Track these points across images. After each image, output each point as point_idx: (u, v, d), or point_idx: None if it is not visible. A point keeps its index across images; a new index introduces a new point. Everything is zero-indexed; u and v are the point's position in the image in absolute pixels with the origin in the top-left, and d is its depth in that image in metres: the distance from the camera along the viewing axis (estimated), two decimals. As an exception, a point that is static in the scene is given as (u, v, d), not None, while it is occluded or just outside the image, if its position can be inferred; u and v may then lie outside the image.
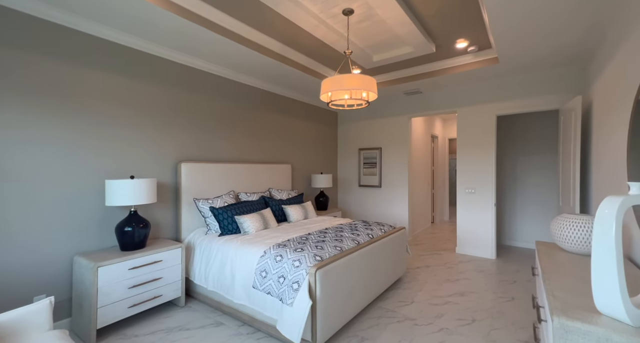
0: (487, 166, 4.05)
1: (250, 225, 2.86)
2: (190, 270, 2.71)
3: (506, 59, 3.12)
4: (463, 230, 4.25)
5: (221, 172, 3.27)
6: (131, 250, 2.29)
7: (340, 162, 5.53)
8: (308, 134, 4.81)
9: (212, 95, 3.29)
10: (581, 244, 1.59)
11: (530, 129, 4.55)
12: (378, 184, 5.04)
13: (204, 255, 2.64)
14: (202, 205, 2.91)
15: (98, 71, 2.37)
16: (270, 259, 2.18)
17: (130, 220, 2.29)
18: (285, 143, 4.35)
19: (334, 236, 2.65)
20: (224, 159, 3.45)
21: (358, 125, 5.29)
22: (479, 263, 3.77)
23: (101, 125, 2.40)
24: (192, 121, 3.11)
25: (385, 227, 3.14)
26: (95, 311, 1.96)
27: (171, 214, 2.90)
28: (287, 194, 3.92)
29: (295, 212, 3.53)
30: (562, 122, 3.40)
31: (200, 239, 2.77)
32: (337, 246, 2.36)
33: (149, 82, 2.73)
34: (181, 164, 2.88)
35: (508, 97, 3.86)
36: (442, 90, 4.36)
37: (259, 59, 3.08)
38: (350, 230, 2.87)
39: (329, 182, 4.60)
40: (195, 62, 3.05)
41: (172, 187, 2.92)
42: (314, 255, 2.12)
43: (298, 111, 4.59)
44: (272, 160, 4.13)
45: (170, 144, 2.91)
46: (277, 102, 4.19)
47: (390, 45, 3.20)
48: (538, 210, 4.50)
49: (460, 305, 2.61)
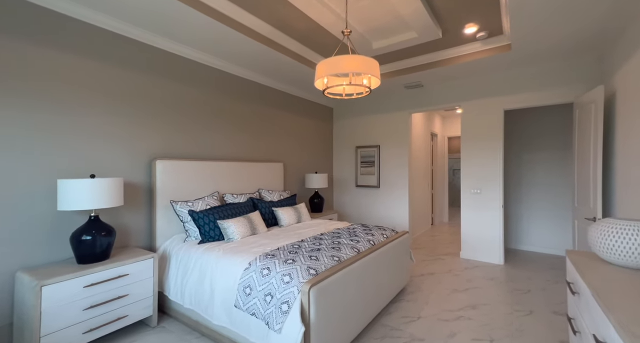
0: (494, 164, 3.77)
1: (235, 231, 2.51)
2: (164, 284, 2.35)
3: (520, 45, 2.83)
4: (468, 234, 3.96)
5: (204, 171, 2.91)
6: (90, 262, 1.92)
7: (336, 161, 5.21)
8: (302, 130, 4.47)
9: (194, 86, 2.94)
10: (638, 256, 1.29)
11: (536, 124, 4.29)
12: (376, 184, 4.73)
13: (180, 266, 2.29)
14: (180, 208, 2.56)
15: (57, 50, 2.01)
16: (255, 273, 1.84)
17: (90, 228, 1.92)
18: (277, 140, 4.01)
19: (330, 243, 2.32)
20: (208, 156, 3.10)
21: (355, 121, 4.98)
22: (487, 270, 3.47)
23: (59, 112, 2.04)
24: (171, 113, 2.75)
25: (387, 231, 2.82)
26: (37, 340, 1.59)
27: (144, 219, 2.54)
28: (278, 195, 3.58)
29: (287, 215, 3.20)
30: (577, 116, 3.13)
31: (177, 247, 2.42)
32: (335, 256, 2.03)
33: (123, 68, 2.36)
34: (156, 161, 2.52)
35: (517, 90, 3.58)
36: (445, 83, 4.07)
37: (246, 44, 2.74)
38: (348, 236, 2.55)
39: (324, 182, 4.27)
40: (176, 48, 2.70)
41: (146, 187, 2.56)
42: (307, 267, 1.79)
43: (291, 105, 4.26)
44: (262, 158, 3.79)
45: (144, 138, 2.55)
46: (267, 95, 3.85)
47: (392, 30, 2.89)
48: (546, 211, 4.23)
49: (474, 321, 2.31)
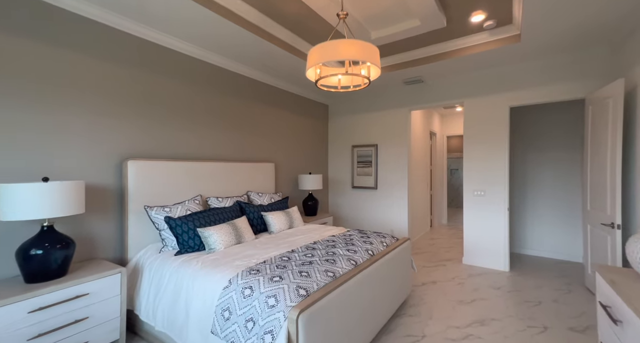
0: (498, 165, 3.54)
1: (218, 240, 2.23)
2: (135, 301, 2.07)
3: (530, 35, 2.59)
4: (471, 238, 3.73)
5: (185, 172, 2.63)
6: (42, 281, 1.64)
7: (332, 161, 4.95)
8: (295, 128, 4.20)
9: (174, 77, 2.65)
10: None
11: (541, 122, 4.07)
12: (374, 186, 4.48)
13: (153, 281, 2.01)
14: (155, 214, 2.28)
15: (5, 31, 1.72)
16: (236, 293, 1.58)
17: (41, 240, 1.64)
18: (268, 138, 3.74)
19: (324, 254, 2.06)
20: (190, 155, 2.81)
21: (351, 119, 4.72)
22: (492, 278, 3.25)
23: (6, 105, 1.74)
24: (147, 107, 2.46)
25: (387, 238, 2.57)
26: (-35, 382, 1.31)
27: (114, 227, 2.25)
28: (269, 198, 3.31)
29: (277, 221, 2.93)
30: (590, 112, 2.91)
31: (151, 259, 2.14)
32: (329, 270, 1.77)
33: (87, 54, 2.07)
34: (128, 161, 2.24)
35: (524, 85, 3.35)
36: (447, 79, 3.83)
37: (230, 30, 2.46)
38: (344, 244, 2.29)
39: (319, 183, 4.01)
40: (153, 35, 2.41)
41: (116, 191, 2.27)
42: (296, 287, 1.52)
43: (283, 101, 3.98)
44: (252, 158, 3.51)
45: (114, 135, 2.26)
46: (257, 89, 3.57)
47: (393, 17, 2.63)
48: (551, 214, 4.02)
49: (484, 341, 2.06)
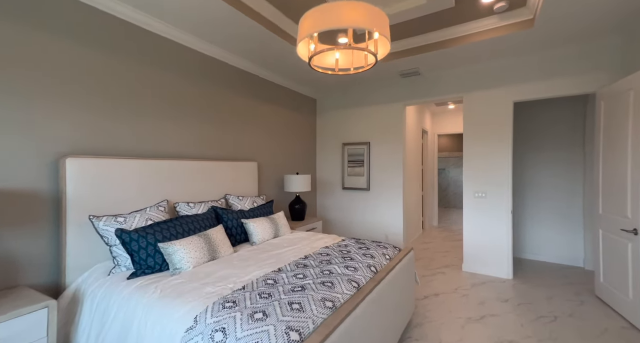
0: (501, 164, 3.27)
1: (185, 257, 1.79)
2: (73, 341, 1.59)
3: (546, 19, 2.31)
4: (471, 243, 3.45)
5: (148, 172, 2.16)
6: None
7: (320, 160, 4.56)
8: (281, 123, 3.78)
9: (138, 57, 2.17)
10: None
11: (540, 119, 3.87)
12: (366, 187, 4.14)
13: (96, 314, 1.55)
14: (104, 226, 1.80)
15: None
16: (203, 338, 1.15)
17: None
18: (250, 134, 3.30)
19: (318, 273, 1.67)
20: (154, 152, 2.34)
21: (342, 115, 4.35)
22: (497, 288, 2.97)
23: None
24: (97, 91, 1.98)
25: (389, 249, 2.21)
26: None
27: (46, 244, 1.75)
28: (250, 202, 2.88)
29: (260, 229, 2.50)
30: (602, 108, 2.68)
31: (96, 284, 1.66)
32: (327, 299, 1.38)
33: (19, 21, 1.58)
34: (67, 159, 1.75)
35: (529, 78, 3.09)
36: (446, 71, 3.53)
37: (203, 4, 2.02)
38: (341, 260, 1.91)
39: (307, 184, 3.61)
40: (109, 5, 1.93)
41: (50, 198, 1.77)
42: (286, 328, 1.12)
43: (267, 94, 3.56)
44: (231, 156, 3.06)
45: (48, 124, 1.77)
46: (238, 79, 3.12)
47: (394, -7, 2.28)
48: (551, 216, 3.82)
49: (508, 372, 1.75)
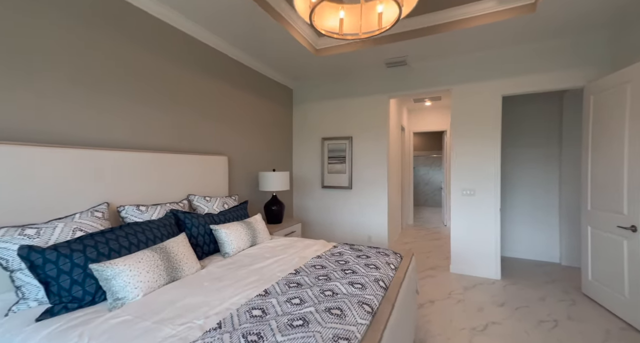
0: (490, 161, 3.15)
1: (132, 282, 1.29)
2: None
3: (549, 3, 2.17)
4: (459, 243, 3.29)
5: (80, 166, 1.61)
6: None
7: (297, 156, 4.16)
8: (255, 113, 3.32)
9: (67, 17, 1.61)
10: None
11: (516, 113, 3.85)
12: (348, 185, 3.83)
13: (-11, 379, 1.02)
14: (2, 243, 1.25)
15: None
16: None
17: None
18: (219, 123, 2.80)
19: (319, 295, 1.28)
20: (90, 139, 1.78)
21: (321, 107, 3.99)
22: (490, 290, 2.82)
23: None
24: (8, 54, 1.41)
25: (391, 256, 1.90)
26: None
27: None
28: (220, 204, 2.40)
29: (235, 236, 2.05)
30: (591, 102, 2.64)
31: (-7, 329, 1.12)
32: (341, 336, 0.99)
33: None
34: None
35: (519, 71, 2.98)
36: (433, 62, 3.33)
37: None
38: (341, 272, 1.55)
39: (286, 183, 3.20)
40: None
41: None
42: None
43: (240, 78, 3.07)
44: (196, 148, 2.55)
45: None
46: (206, 56, 2.61)
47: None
48: (528, 213, 3.82)
49: (535, 395, 1.52)
